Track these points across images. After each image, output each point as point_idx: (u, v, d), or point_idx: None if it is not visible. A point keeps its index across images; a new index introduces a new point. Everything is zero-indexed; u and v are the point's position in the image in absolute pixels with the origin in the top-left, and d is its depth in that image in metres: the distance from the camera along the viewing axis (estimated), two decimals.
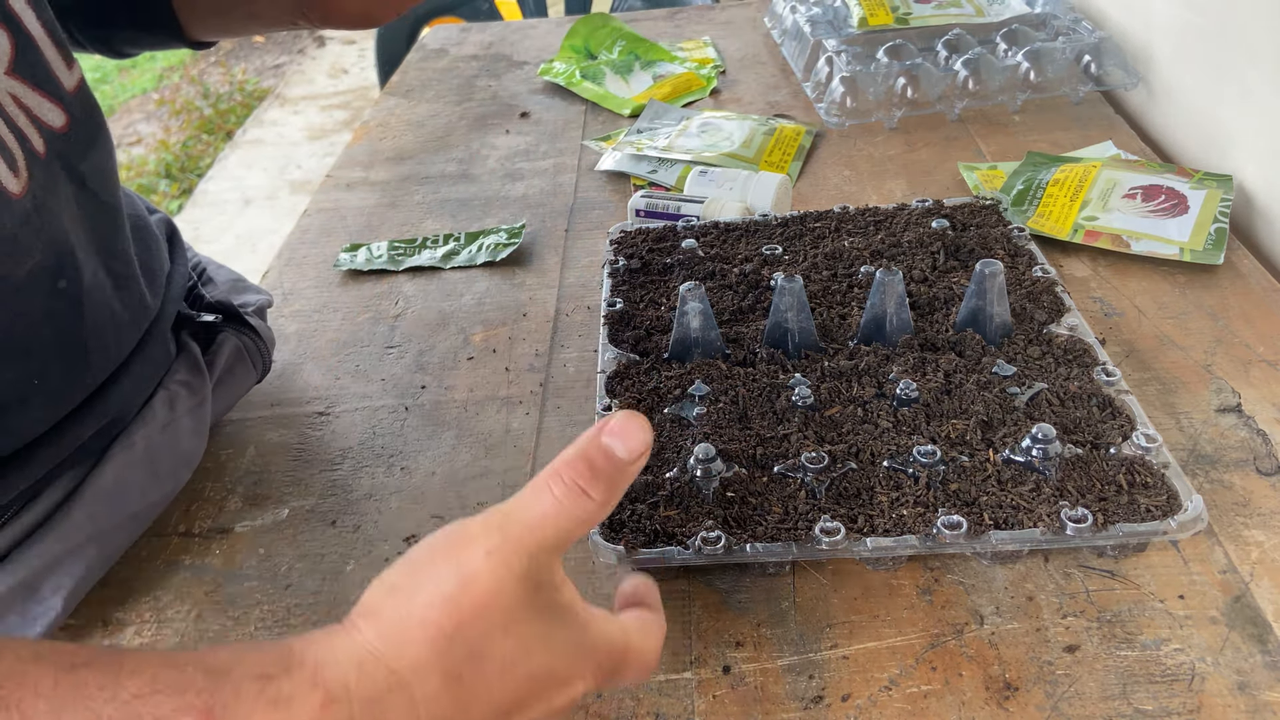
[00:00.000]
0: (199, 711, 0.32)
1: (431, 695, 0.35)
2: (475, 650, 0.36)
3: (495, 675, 0.36)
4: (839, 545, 0.50)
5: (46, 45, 0.52)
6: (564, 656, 0.38)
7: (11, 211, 0.48)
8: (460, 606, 0.36)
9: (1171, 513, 0.50)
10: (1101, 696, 0.46)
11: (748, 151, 0.95)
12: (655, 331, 0.67)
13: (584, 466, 0.39)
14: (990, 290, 0.62)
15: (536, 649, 0.37)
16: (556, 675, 0.38)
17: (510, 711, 0.37)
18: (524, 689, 0.37)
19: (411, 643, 0.36)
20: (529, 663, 0.37)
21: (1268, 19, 0.78)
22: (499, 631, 0.36)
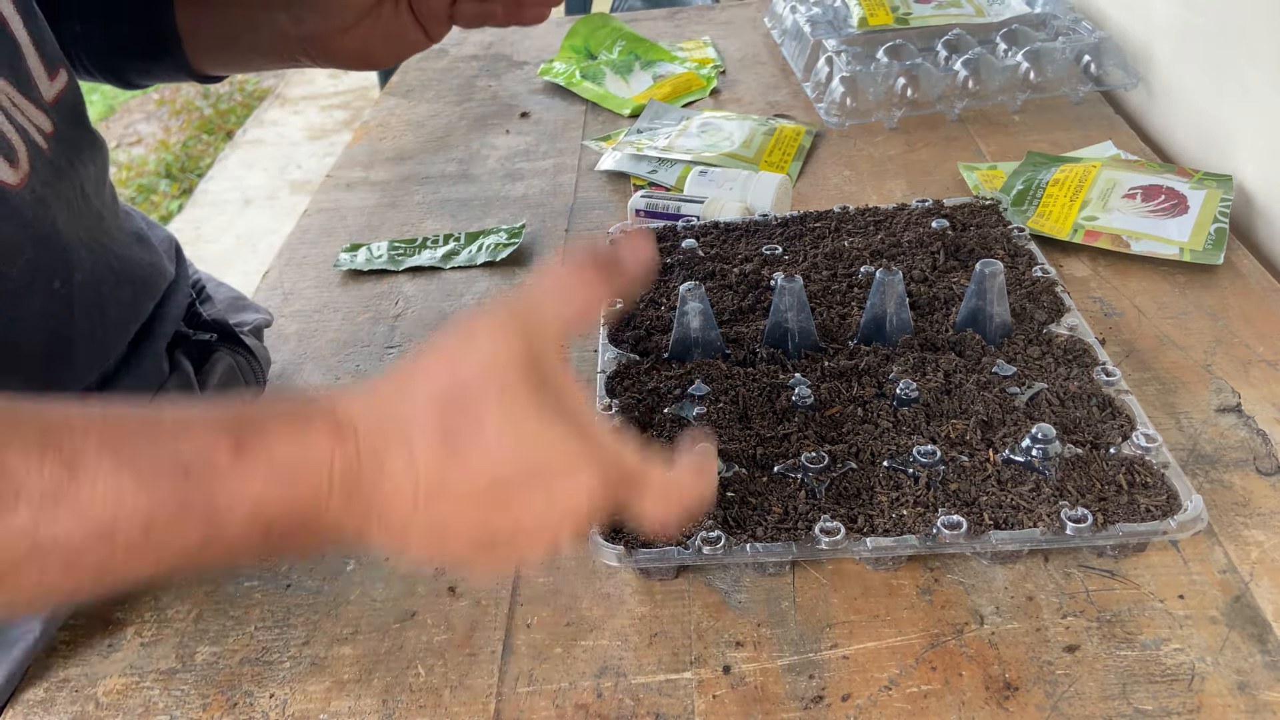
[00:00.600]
0: (231, 441, 0.36)
1: (428, 450, 0.37)
2: (472, 413, 0.38)
3: (491, 442, 0.38)
4: (839, 545, 0.50)
5: (30, 54, 0.52)
6: (563, 444, 0.39)
7: (8, 203, 0.48)
8: (459, 367, 0.38)
9: (1171, 513, 0.50)
10: (1101, 696, 0.46)
11: (748, 151, 0.95)
12: (655, 331, 0.67)
13: (586, 255, 0.42)
14: (990, 290, 0.62)
15: (534, 427, 0.38)
16: (555, 463, 0.39)
17: (509, 486, 0.38)
18: (520, 465, 0.38)
19: (414, 398, 0.38)
20: (526, 439, 0.38)
21: (1268, 19, 0.78)
22: (495, 401, 0.38)
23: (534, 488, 0.39)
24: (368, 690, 0.51)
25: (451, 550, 0.40)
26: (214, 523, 0.36)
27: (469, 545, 0.40)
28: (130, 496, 0.35)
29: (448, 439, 0.38)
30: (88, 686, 0.53)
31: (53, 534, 0.34)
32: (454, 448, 0.38)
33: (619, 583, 0.55)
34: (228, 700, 0.51)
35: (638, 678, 0.50)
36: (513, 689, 0.50)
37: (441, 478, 0.38)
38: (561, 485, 0.39)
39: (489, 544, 0.40)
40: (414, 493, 0.38)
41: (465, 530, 0.39)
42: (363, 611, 0.55)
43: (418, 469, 0.38)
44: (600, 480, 0.40)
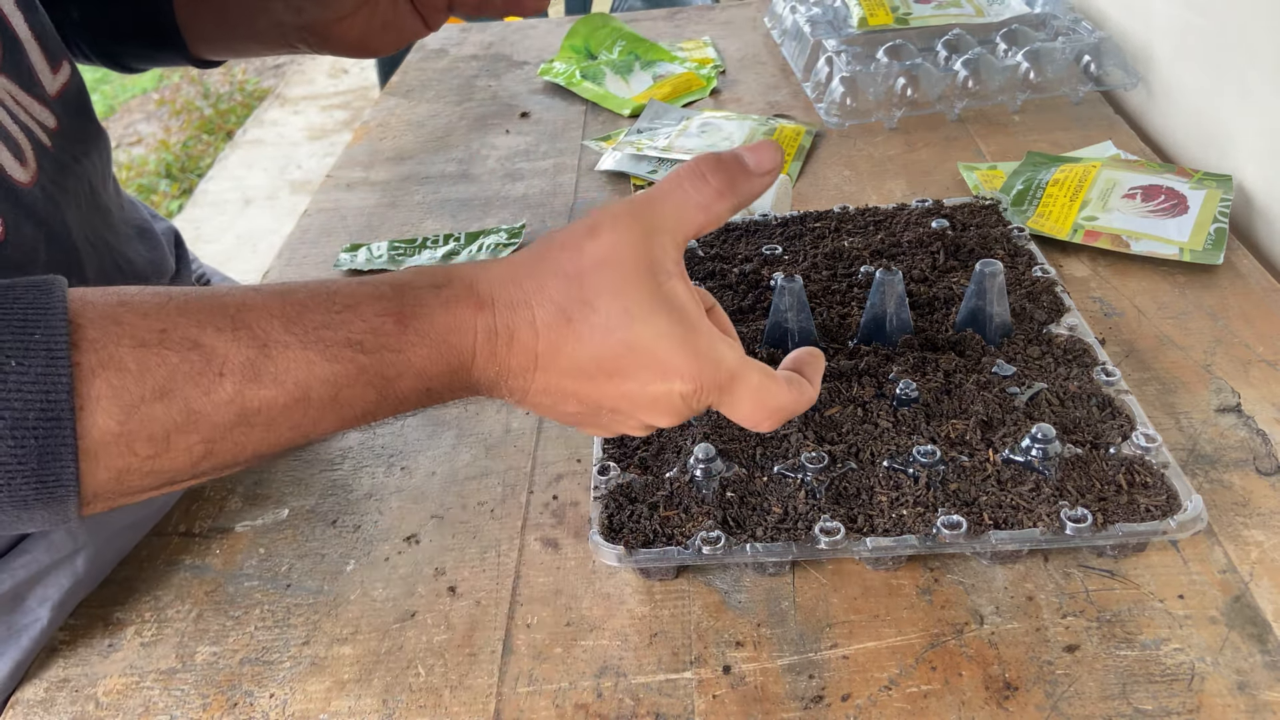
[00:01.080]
0: (395, 316, 0.42)
1: (549, 322, 0.43)
2: (587, 299, 0.42)
3: (600, 328, 0.42)
4: (839, 545, 0.50)
5: (33, 49, 0.52)
6: (666, 342, 0.42)
7: (22, 201, 0.48)
8: (582, 255, 0.43)
9: (1171, 512, 0.50)
10: (1101, 696, 0.46)
11: None
12: None
13: (711, 159, 0.44)
14: (990, 290, 0.62)
15: (641, 322, 0.42)
16: (656, 357, 0.42)
17: (609, 371, 0.43)
18: (621, 355, 0.43)
19: (540, 274, 0.43)
20: (630, 331, 0.42)
21: (1268, 19, 0.78)
22: (609, 290, 0.42)
23: (629, 375, 0.43)
24: (368, 690, 0.51)
25: (560, 412, 0.46)
26: (387, 386, 0.42)
27: (574, 411, 0.45)
28: (318, 367, 0.40)
29: (566, 314, 0.43)
30: (88, 686, 0.53)
31: (256, 402, 0.39)
32: (570, 323, 0.43)
33: (619, 583, 0.55)
34: (228, 700, 0.51)
35: (638, 678, 0.50)
36: (513, 689, 0.50)
37: (557, 347, 0.43)
38: (654, 380, 0.43)
39: (590, 413, 0.45)
40: (535, 357, 0.43)
41: (571, 397, 0.44)
42: (363, 611, 0.55)
43: (539, 338, 0.43)
44: (691, 385, 0.43)
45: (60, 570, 0.55)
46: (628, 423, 0.46)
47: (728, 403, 0.45)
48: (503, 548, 0.58)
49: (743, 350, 0.46)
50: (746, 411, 0.45)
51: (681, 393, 0.43)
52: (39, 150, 0.51)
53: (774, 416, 0.46)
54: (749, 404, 0.45)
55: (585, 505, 0.60)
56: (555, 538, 0.58)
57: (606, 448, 0.58)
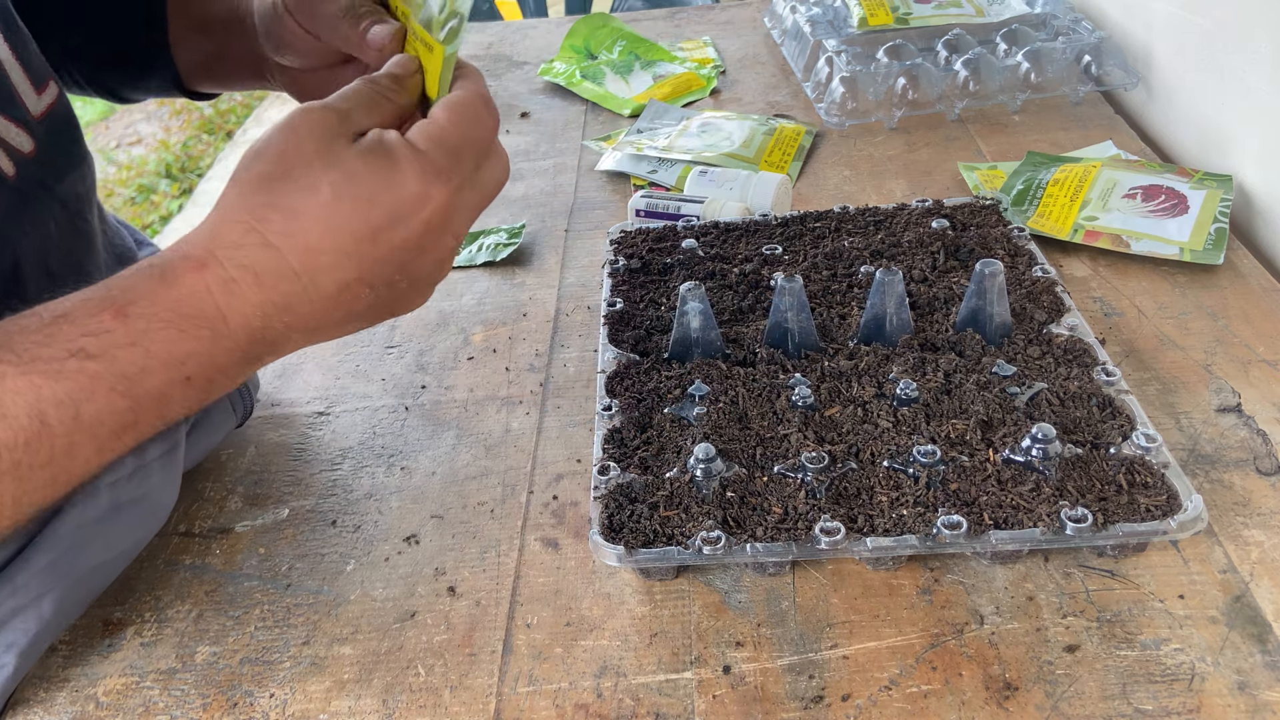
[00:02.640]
0: (111, 311, 0.38)
1: (281, 230, 0.40)
2: (304, 185, 0.40)
3: (332, 201, 0.40)
4: (839, 545, 0.50)
5: (14, 69, 0.51)
6: (395, 175, 0.41)
7: None
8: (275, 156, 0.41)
9: (1171, 512, 0.50)
10: (1101, 696, 0.46)
11: (748, 151, 0.95)
12: (655, 331, 0.67)
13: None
14: (990, 290, 0.62)
15: (364, 174, 0.41)
16: (400, 195, 0.41)
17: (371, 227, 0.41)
18: (372, 211, 0.41)
19: (246, 199, 0.41)
20: (361, 185, 0.40)
21: (1268, 19, 0.78)
22: (319, 164, 0.41)
23: (397, 224, 0.41)
24: (368, 690, 0.51)
25: (361, 310, 0.43)
26: (133, 388, 0.38)
27: (370, 300, 0.43)
28: (45, 389, 0.37)
29: (293, 212, 0.40)
30: (88, 686, 0.53)
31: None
32: (300, 216, 0.40)
33: (619, 583, 0.55)
34: (228, 700, 0.51)
35: (638, 678, 0.50)
36: (513, 689, 0.50)
37: (306, 244, 0.40)
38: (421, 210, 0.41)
39: (386, 285, 0.43)
40: (293, 273, 0.40)
41: (355, 285, 0.42)
42: (363, 611, 0.55)
43: (282, 250, 0.40)
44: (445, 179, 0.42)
45: (26, 614, 0.52)
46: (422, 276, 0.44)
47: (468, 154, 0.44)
48: (503, 548, 0.58)
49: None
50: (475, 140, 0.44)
51: (445, 196, 0.42)
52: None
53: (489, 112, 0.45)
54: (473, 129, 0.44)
55: (585, 505, 0.60)
56: (555, 538, 0.58)
57: (606, 448, 0.58)
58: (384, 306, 0.45)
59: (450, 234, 0.44)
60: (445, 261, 0.45)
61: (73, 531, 0.53)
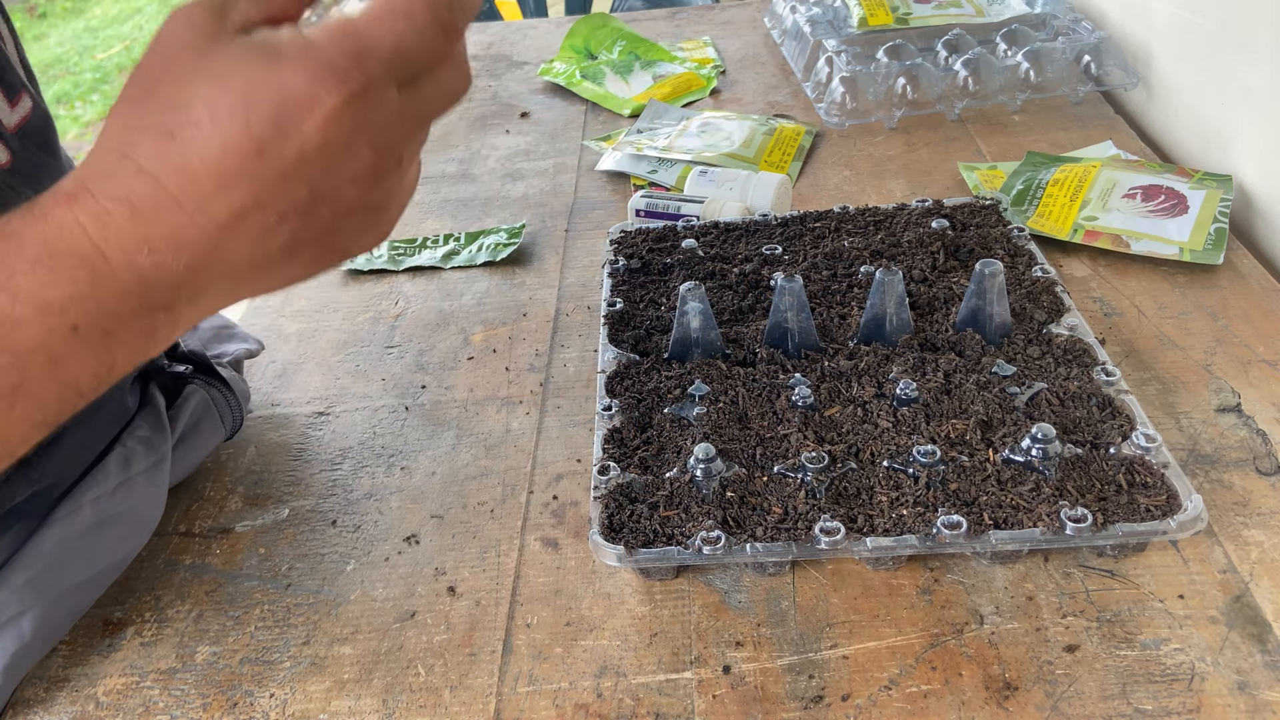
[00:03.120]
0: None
1: (153, 153, 0.34)
2: (173, 100, 0.34)
3: (206, 115, 0.34)
4: (839, 545, 0.50)
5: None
6: (273, 75, 0.34)
7: None
8: (149, 60, 0.36)
9: (1171, 512, 0.50)
10: (1101, 696, 0.46)
11: (748, 151, 0.95)
12: (655, 331, 0.67)
13: None
14: (990, 290, 0.62)
15: (235, 76, 0.34)
16: (284, 99, 0.34)
17: (261, 148, 0.34)
18: (251, 122, 0.34)
19: (117, 121, 0.36)
20: (234, 93, 0.34)
21: (1268, 19, 0.78)
22: (187, 76, 0.35)
23: (285, 134, 0.34)
24: (368, 690, 0.51)
25: (281, 246, 0.37)
26: (6, 340, 0.34)
27: (290, 226, 0.36)
28: None
29: (166, 132, 0.34)
30: (88, 686, 0.53)
31: None
32: (174, 138, 0.34)
33: (619, 583, 0.55)
34: (228, 700, 0.51)
35: (638, 677, 0.50)
36: (513, 689, 0.50)
37: (183, 169, 0.34)
38: (312, 116, 0.34)
39: (306, 212, 0.36)
40: (173, 200, 0.35)
41: (271, 219, 0.36)
42: (363, 611, 0.55)
43: (158, 177, 0.34)
44: (337, 79, 0.35)
45: (4, 634, 0.51)
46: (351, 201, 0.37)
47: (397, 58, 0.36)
48: (503, 548, 0.58)
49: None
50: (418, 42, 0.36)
51: (342, 101, 0.34)
52: None
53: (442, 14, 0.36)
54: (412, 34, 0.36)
55: (585, 505, 0.60)
56: (555, 538, 0.58)
57: (606, 448, 0.58)
58: (316, 242, 0.37)
59: (366, 146, 0.36)
60: (376, 184, 0.37)
61: (53, 548, 0.52)
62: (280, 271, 0.38)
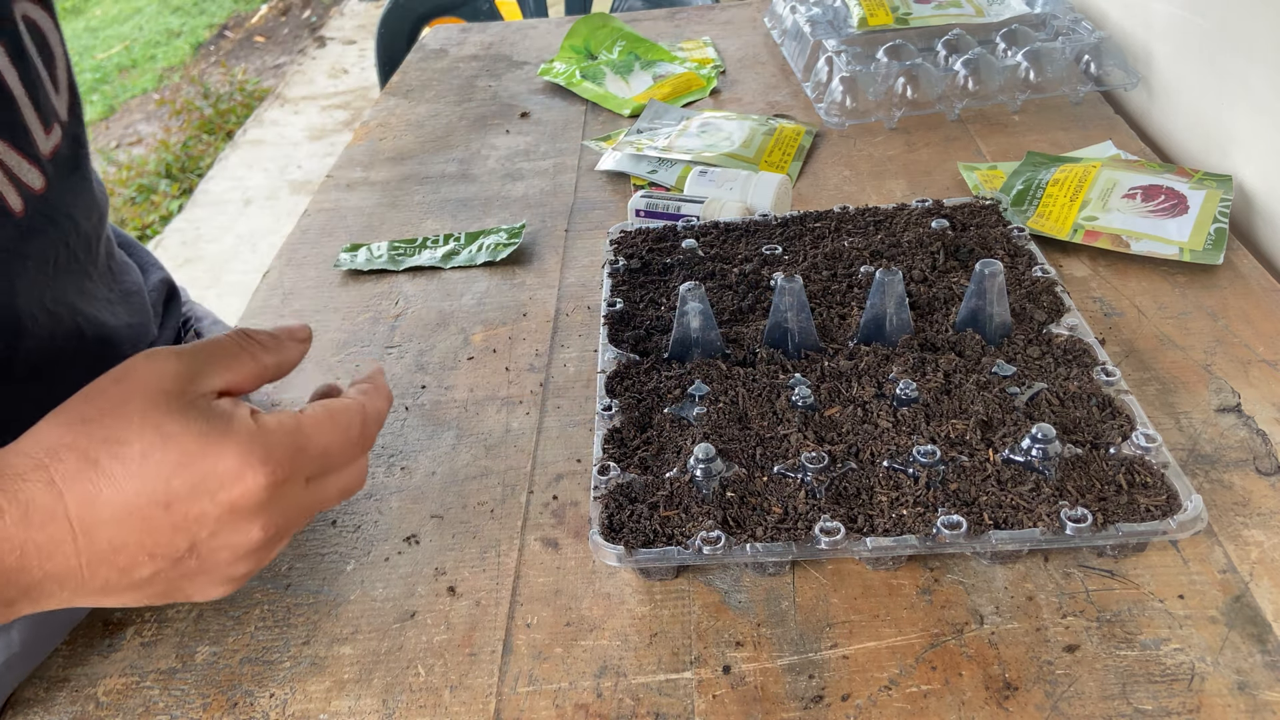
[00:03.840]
0: None
1: (69, 474, 0.37)
2: (114, 436, 0.38)
3: (136, 457, 0.38)
4: (839, 545, 0.50)
5: (26, 107, 0.51)
6: (215, 446, 0.38)
7: None
8: (105, 395, 0.39)
9: (1171, 512, 0.50)
10: (1101, 696, 0.46)
11: (748, 151, 0.95)
12: (655, 331, 0.67)
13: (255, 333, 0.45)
14: (990, 290, 0.62)
15: (183, 440, 0.38)
16: (215, 468, 0.38)
17: (165, 499, 0.38)
18: (171, 475, 0.38)
19: (53, 429, 0.39)
20: (174, 450, 0.38)
21: (1268, 19, 0.78)
22: (138, 418, 0.38)
23: (198, 498, 0.38)
24: (368, 690, 0.51)
25: (135, 582, 0.40)
26: None
27: (150, 573, 0.39)
28: None
29: (90, 459, 0.37)
30: (88, 686, 0.53)
31: None
32: (97, 465, 0.37)
33: (619, 583, 0.55)
34: (228, 700, 0.51)
35: (638, 678, 0.50)
36: (513, 689, 0.50)
37: (91, 498, 0.37)
38: (228, 490, 0.39)
39: (171, 565, 0.39)
40: (68, 522, 0.37)
41: (139, 554, 0.39)
42: (363, 611, 0.55)
43: (63, 495, 0.37)
44: (269, 470, 0.39)
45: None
46: (218, 562, 0.41)
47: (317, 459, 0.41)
48: (503, 548, 0.58)
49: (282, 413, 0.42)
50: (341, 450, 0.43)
51: (262, 485, 0.39)
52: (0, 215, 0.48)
53: (366, 430, 0.44)
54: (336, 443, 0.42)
55: (585, 505, 0.60)
56: (555, 538, 0.58)
57: (606, 448, 0.58)
58: (170, 584, 0.41)
59: (259, 527, 0.40)
60: (248, 555, 0.41)
61: None
62: (124, 595, 0.41)
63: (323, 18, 4.54)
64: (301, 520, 0.43)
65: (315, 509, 0.44)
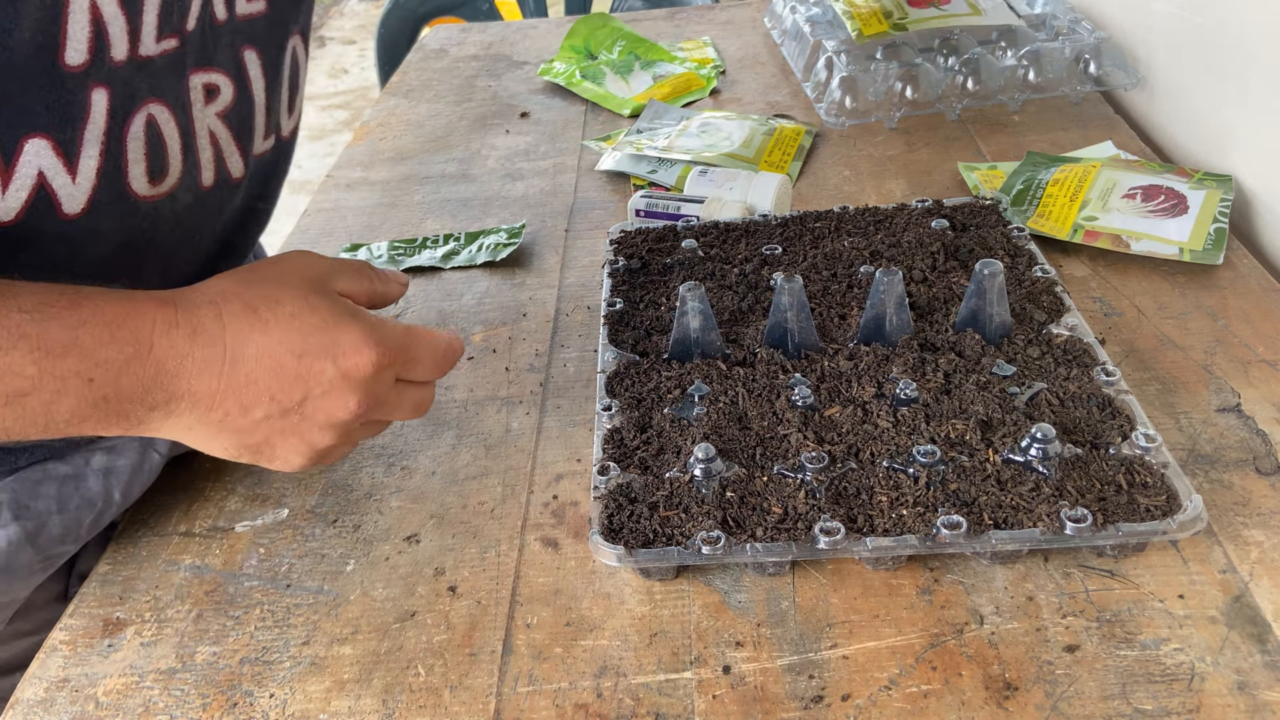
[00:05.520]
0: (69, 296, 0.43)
1: (234, 313, 0.47)
2: (270, 294, 0.48)
3: (287, 315, 0.47)
4: (839, 545, 0.50)
5: (259, 111, 0.59)
6: (346, 322, 0.48)
7: (123, 203, 0.50)
8: (260, 269, 0.50)
9: (1171, 512, 0.50)
10: (1101, 696, 0.46)
11: (747, 151, 0.95)
12: (655, 331, 0.67)
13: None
14: (990, 290, 0.62)
15: (325, 308, 0.48)
16: (343, 338, 0.48)
17: (299, 351, 0.47)
18: (309, 334, 0.47)
19: (222, 282, 0.49)
20: (316, 314, 0.48)
21: (1267, 19, 0.78)
22: (290, 287, 0.48)
23: (324, 357, 0.47)
24: (368, 690, 0.51)
25: (248, 423, 0.47)
26: (46, 360, 0.42)
27: (262, 416, 0.47)
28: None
29: (252, 307, 0.47)
30: (88, 686, 0.53)
31: None
32: (256, 313, 0.47)
33: (619, 583, 0.55)
34: (228, 700, 0.51)
35: (638, 677, 0.50)
36: (513, 689, 0.50)
37: (245, 336, 0.46)
38: (348, 357, 0.48)
39: (279, 415, 0.48)
40: (224, 348, 0.46)
41: (263, 395, 0.47)
42: (363, 611, 0.55)
43: (226, 327, 0.46)
44: (378, 351, 0.48)
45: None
46: (314, 424, 0.49)
47: (411, 363, 0.51)
48: (503, 548, 0.58)
49: None
50: (428, 365, 0.52)
51: (374, 361, 0.48)
52: (189, 183, 0.54)
53: (447, 360, 0.53)
54: (428, 357, 0.52)
55: (585, 505, 0.60)
56: (555, 538, 0.58)
57: (606, 448, 0.58)
58: (268, 436, 0.49)
59: (357, 401, 0.49)
60: (336, 426, 0.49)
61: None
62: (228, 437, 0.48)
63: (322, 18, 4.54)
64: (382, 412, 0.51)
65: (393, 412, 0.52)
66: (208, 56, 0.54)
